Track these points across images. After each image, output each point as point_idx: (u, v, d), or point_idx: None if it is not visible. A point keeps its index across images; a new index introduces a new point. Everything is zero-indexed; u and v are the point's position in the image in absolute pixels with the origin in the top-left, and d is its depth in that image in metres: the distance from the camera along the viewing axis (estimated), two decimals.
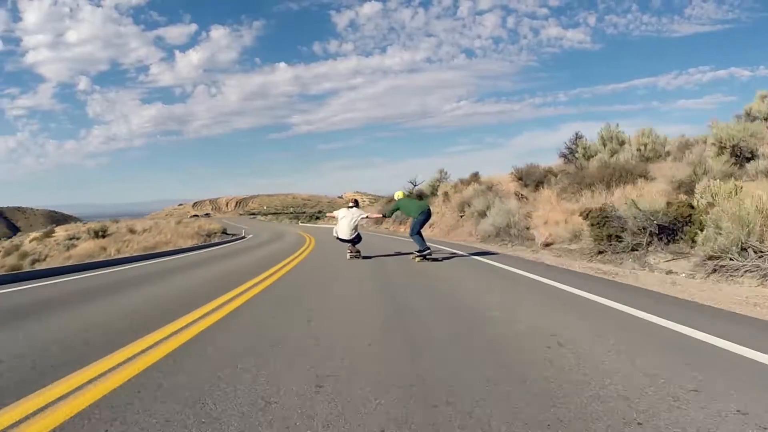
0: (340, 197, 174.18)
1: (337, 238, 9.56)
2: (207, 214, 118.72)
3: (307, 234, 25.56)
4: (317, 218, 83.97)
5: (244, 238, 26.69)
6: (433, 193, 23.87)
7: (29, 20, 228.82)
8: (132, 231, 24.97)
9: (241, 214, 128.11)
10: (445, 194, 21.62)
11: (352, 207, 9.56)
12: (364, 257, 9.52)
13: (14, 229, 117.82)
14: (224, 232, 29.16)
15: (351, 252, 9.45)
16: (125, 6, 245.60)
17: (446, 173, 25.59)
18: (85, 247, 20.26)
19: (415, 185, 26.67)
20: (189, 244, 20.08)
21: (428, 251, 8.68)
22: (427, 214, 9.10)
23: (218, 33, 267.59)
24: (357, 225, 9.29)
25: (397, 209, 9.40)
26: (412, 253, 9.22)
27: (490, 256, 9.46)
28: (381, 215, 13.33)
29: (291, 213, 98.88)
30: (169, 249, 17.62)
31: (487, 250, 10.85)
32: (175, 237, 22.20)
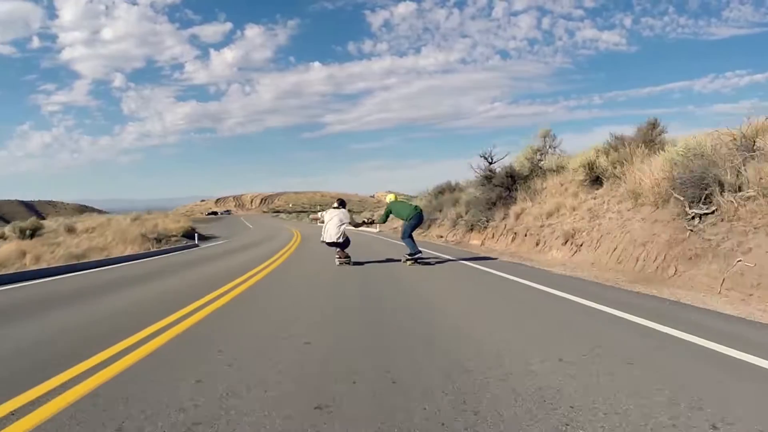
0: (372, 197, 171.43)
1: (323, 242, 9.11)
2: (227, 212, 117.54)
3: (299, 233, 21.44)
4: (369, 225, 79.73)
5: (215, 239, 22.96)
6: (535, 173, 13.39)
7: (65, 17, 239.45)
8: (71, 230, 21.12)
9: (264, 212, 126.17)
10: (589, 169, 10.73)
11: (337, 207, 9.18)
12: (355, 263, 9.07)
13: None
14: (189, 236, 24.12)
15: (339, 257, 8.93)
16: (161, 4, 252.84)
17: (553, 137, 14.59)
18: (3, 251, 16.15)
19: (491, 162, 15.19)
20: (131, 250, 15.85)
21: (419, 254, 8.79)
22: (419, 218, 9.16)
23: (253, 32, 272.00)
24: (344, 228, 8.94)
25: (389, 213, 9.25)
26: (431, 264, 9.16)
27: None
28: (371, 222, 12.08)
29: (318, 212, 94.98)
30: (102, 257, 13.86)
31: None
32: (116, 241, 17.97)
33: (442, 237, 16.49)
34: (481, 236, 13.48)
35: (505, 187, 12.93)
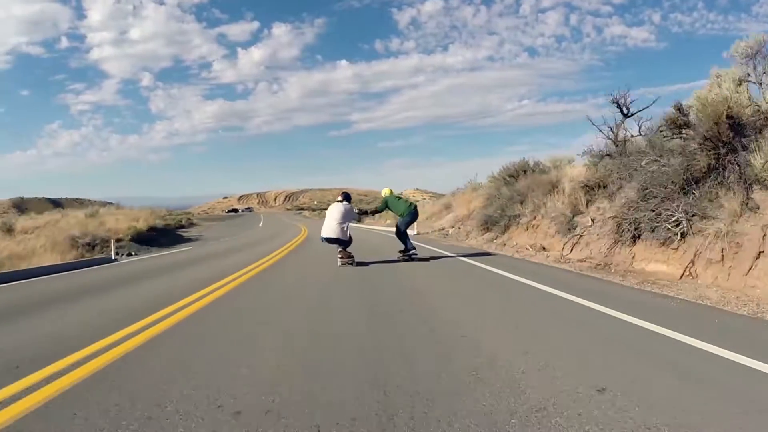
0: (400, 194, 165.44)
1: (322, 238, 8.10)
2: (248, 209, 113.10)
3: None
4: (372, 215, 74.51)
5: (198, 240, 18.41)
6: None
7: (94, 18, 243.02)
8: (9, 231, 15.54)
9: (288, 209, 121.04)
10: None
11: (341, 201, 8.20)
12: (359, 263, 8.07)
13: None
14: (145, 240, 17.69)
15: (342, 257, 8.04)
16: (188, 4, 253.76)
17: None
18: None
19: (626, 113, 10.20)
20: (62, 258, 11.59)
21: (413, 251, 8.86)
22: (414, 215, 9.43)
23: (280, 30, 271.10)
24: (347, 224, 8.04)
25: (386, 206, 9.39)
26: (426, 259, 8.93)
27: None
28: (374, 212, 10.55)
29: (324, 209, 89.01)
30: (21, 267, 9.88)
31: None
32: (45, 247, 12.19)
33: (544, 250, 9.54)
34: (684, 252, 6.16)
35: (723, 143, 5.91)
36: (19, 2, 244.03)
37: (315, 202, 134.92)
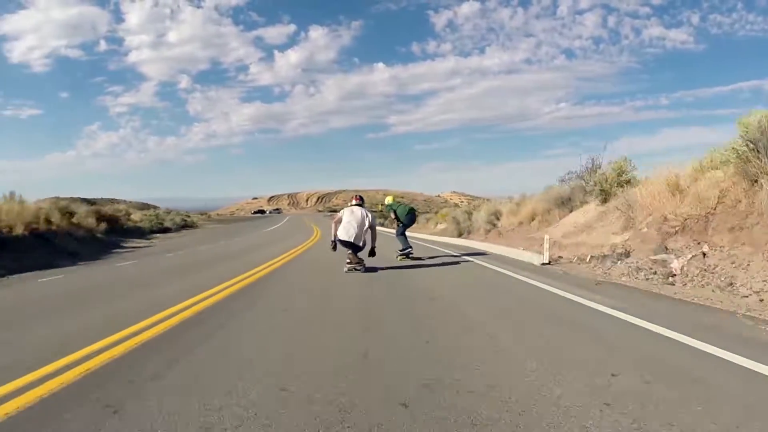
0: (438, 196, 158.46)
1: (338, 240, 7.74)
2: (277, 210, 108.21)
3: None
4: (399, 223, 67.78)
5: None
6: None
7: (132, 21, 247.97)
8: None
9: (319, 211, 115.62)
10: None
11: (356, 205, 8.03)
12: (368, 269, 7.61)
13: None
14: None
15: (350, 262, 7.64)
16: (225, 7, 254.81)
17: None
18: None
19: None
20: None
21: (410, 250, 9.27)
22: (412, 218, 9.90)
23: (317, 33, 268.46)
24: (365, 229, 7.69)
25: (394, 210, 9.87)
26: (454, 263, 8.84)
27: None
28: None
29: (377, 212, 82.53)
30: None
31: None
32: None
33: None
34: None
35: None
36: (58, 6, 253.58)
37: (349, 204, 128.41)
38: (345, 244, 7.54)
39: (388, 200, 10.30)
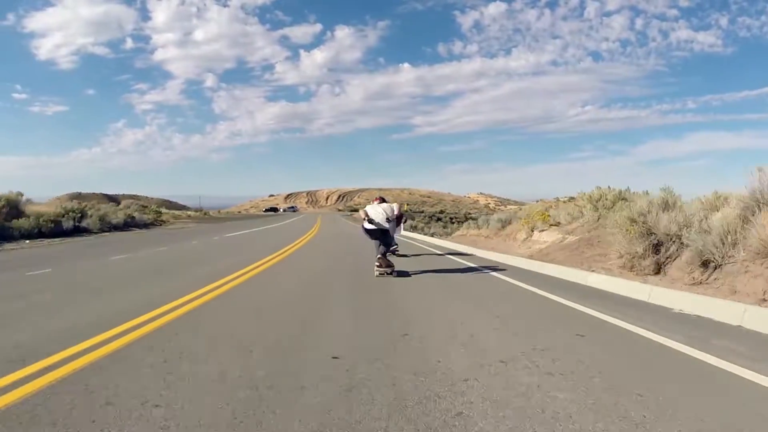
0: (467, 196, 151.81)
1: (366, 229, 7.91)
2: (292, 208, 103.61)
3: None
4: (438, 220, 62.39)
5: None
6: None
7: (158, 19, 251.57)
8: None
9: (339, 210, 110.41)
10: None
11: (379, 203, 8.32)
12: (400, 273, 7.73)
13: None
14: None
15: (380, 266, 7.61)
16: (251, 6, 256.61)
17: None
18: None
19: None
20: None
21: (395, 246, 9.91)
22: (402, 217, 11.80)
23: (343, 33, 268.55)
24: (393, 216, 8.12)
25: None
26: (483, 270, 9.06)
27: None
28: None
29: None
30: None
31: None
32: None
33: None
34: None
35: None
36: (86, 4, 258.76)
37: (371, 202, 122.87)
38: (372, 234, 7.91)
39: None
